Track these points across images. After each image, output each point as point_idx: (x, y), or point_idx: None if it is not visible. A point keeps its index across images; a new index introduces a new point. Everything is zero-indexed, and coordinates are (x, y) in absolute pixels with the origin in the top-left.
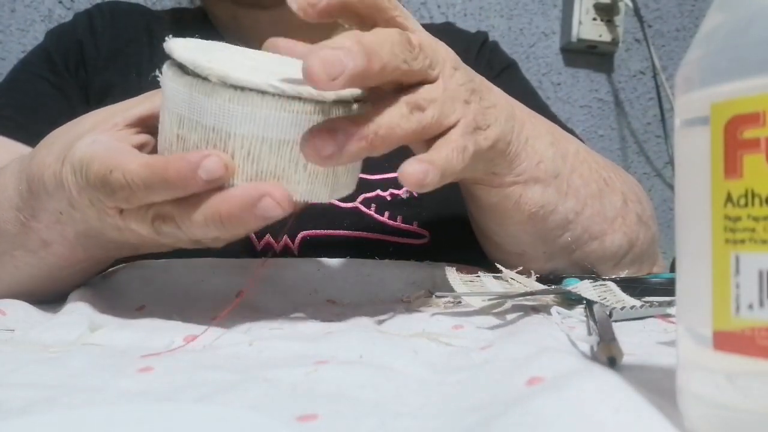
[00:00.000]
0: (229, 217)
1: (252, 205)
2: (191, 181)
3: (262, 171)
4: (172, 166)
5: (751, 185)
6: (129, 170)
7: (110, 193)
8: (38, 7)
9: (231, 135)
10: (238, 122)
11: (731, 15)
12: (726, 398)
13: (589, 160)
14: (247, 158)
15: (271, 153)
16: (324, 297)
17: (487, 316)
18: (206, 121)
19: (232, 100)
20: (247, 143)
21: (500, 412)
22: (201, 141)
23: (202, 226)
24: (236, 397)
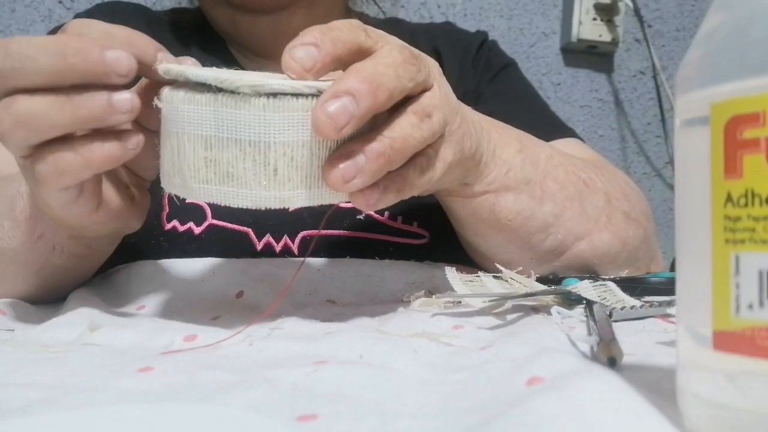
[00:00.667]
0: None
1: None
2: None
3: (307, 176)
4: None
5: (751, 185)
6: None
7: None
8: (38, 7)
9: (271, 145)
10: (277, 130)
11: (731, 15)
12: (726, 398)
13: (565, 162)
14: (291, 165)
15: (312, 156)
16: (324, 297)
17: (487, 317)
18: (241, 135)
19: (267, 108)
20: (289, 150)
21: (500, 412)
22: (236, 158)
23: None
24: (236, 397)
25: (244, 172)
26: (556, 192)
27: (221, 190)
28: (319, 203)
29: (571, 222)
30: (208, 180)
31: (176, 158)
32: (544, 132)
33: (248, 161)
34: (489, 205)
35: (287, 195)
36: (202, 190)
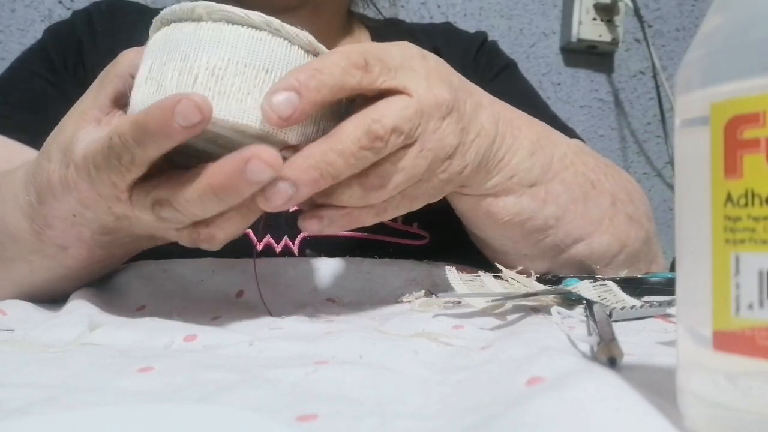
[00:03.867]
0: (222, 188)
1: (241, 171)
2: (171, 130)
3: (225, 90)
4: (150, 117)
5: (751, 185)
6: (121, 131)
7: (116, 164)
8: (38, 7)
9: (198, 57)
10: (206, 46)
11: (731, 15)
12: (726, 398)
13: (577, 162)
14: (211, 77)
15: (236, 74)
16: (324, 296)
17: (488, 317)
18: (175, 53)
19: (201, 28)
20: (212, 63)
21: (500, 412)
22: (167, 70)
23: (198, 203)
24: (236, 397)
25: (170, 80)
26: (560, 194)
27: (152, 98)
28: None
29: (571, 224)
30: (144, 94)
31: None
32: None
33: (175, 72)
34: (486, 205)
35: None
36: (138, 104)
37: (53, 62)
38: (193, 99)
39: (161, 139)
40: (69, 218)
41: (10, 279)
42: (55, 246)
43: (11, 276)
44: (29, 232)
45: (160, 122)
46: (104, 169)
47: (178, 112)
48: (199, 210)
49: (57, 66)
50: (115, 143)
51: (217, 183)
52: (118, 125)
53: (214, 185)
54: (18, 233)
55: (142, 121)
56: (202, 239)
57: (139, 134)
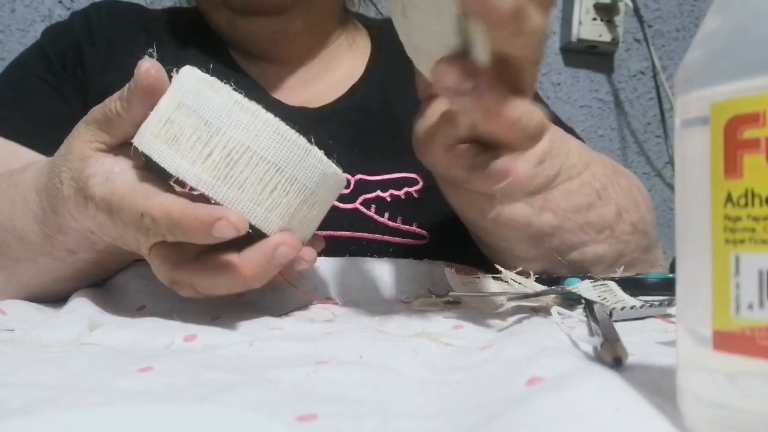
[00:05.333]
0: (254, 277)
1: (271, 258)
2: (205, 236)
3: (232, 176)
4: (185, 222)
5: (751, 185)
6: (155, 217)
7: (145, 232)
8: (38, 7)
9: (220, 132)
10: (232, 124)
11: (731, 15)
12: (726, 398)
13: (585, 173)
14: (225, 158)
15: (248, 165)
16: (324, 295)
17: (488, 317)
18: (204, 112)
19: (237, 105)
20: (230, 145)
21: (500, 412)
22: (189, 127)
23: (224, 289)
24: (236, 397)
25: (185, 143)
26: (560, 203)
27: (161, 147)
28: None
29: (569, 234)
30: (157, 136)
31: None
32: None
33: (194, 136)
34: (479, 206)
35: (205, 178)
36: (147, 141)
37: (52, 63)
38: (232, 220)
39: (193, 239)
40: (84, 233)
41: (17, 278)
42: (64, 250)
43: (18, 276)
44: (39, 236)
45: (195, 229)
46: (130, 227)
47: (217, 228)
48: (223, 292)
49: (55, 67)
50: (146, 221)
51: (249, 273)
52: (152, 208)
53: (247, 275)
54: (27, 235)
55: (177, 221)
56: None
57: (172, 228)
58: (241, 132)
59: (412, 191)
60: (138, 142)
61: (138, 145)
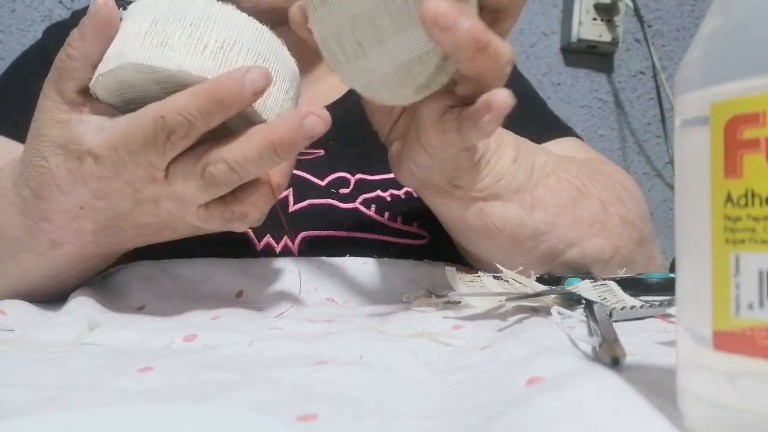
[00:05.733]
0: (281, 142)
1: (299, 126)
2: (242, 96)
3: (230, 63)
4: (221, 86)
5: (751, 185)
6: (181, 106)
7: (165, 140)
8: (38, 7)
9: (208, 29)
10: (216, 21)
11: (731, 15)
12: (726, 398)
13: (558, 170)
14: (220, 49)
15: (239, 54)
16: (324, 296)
17: (488, 317)
18: (186, 17)
19: (214, 5)
20: (221, 38)
21: (500, 412)
22: (174, 32)
23: (257, 159)
24: (236, 397)
25: (177, 41)
26: (547, 200)
27: (152, 53)
28: None
29: (563, 230)
30: (143, 46)
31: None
32: (542, 131)
33: (184, 35)
34: (476, 210)
35: (209, 66)
36: (134, 52)
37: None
38: (260, 70)
39: (232, 107)
40: (73, 211)
41: (3, 279)
42: (47, 242)
43: (4, 276)
44: (20, 228)
45: (232, 90)
46: (142, 150)
47: (249, 81)
48: (255, 167)
49: None
50: (171, 119)
51: (276, 138)
52: (174, 100)
53: (274, 140)
54: (8, 231)
55: (211, 91)
56: (236, 217)
57: (209, 105)
58: (227, 27)
59: (412, 191)
60: (116, 62)
61: (118, 63)
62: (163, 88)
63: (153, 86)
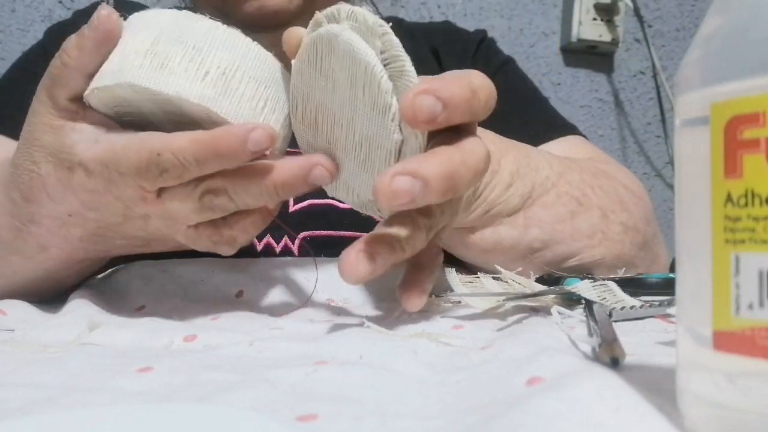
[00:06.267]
0: (283, 185)
1: (306, 175)
2: (241, 154)
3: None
4: (221, 140)
5: (751, 185)
6: (179, 149)
7: (157, 175)
8: (38, 7)
9: (210, 54)
10: (219, 46)
11: (731, 15)
12: (726, 398)
13: (560, 183)
14: (222, 76)
15: (241, 82)
16: (324, 296)
17: (487, 317)
18: (189, 39)
19: (219, 29)
20: (223, 64)
21: (500, 412)
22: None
23: (257, 196)
24: (236, 397)
25: (179, 65)
26: (543, 217)
27: (151, 75)
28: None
29: (561, 245)
30: (142, 66)
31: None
32: (544, 131)
33: (185, 58)
34: (461, 237)
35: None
36: (133, 72)
37: None
38: (266, 129)
39: (230, 162)
40: (62, 218)
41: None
42: (35, 245)
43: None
44: (8, 230)
45: (232, 147)
46: (133, 176)
47: (252, 140)
48: (254, 202)
49: None
50: (166, 159)
51: (280, 182)
52: (173, 142)
53: (277, 182)
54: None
55: (211, 143)
56: (225, 241)
57: (204, 155)
58: (229, 53)
59: None
60: (114, 79)
61: (116, 81)
62: (160, 107)
63: (150, 105)
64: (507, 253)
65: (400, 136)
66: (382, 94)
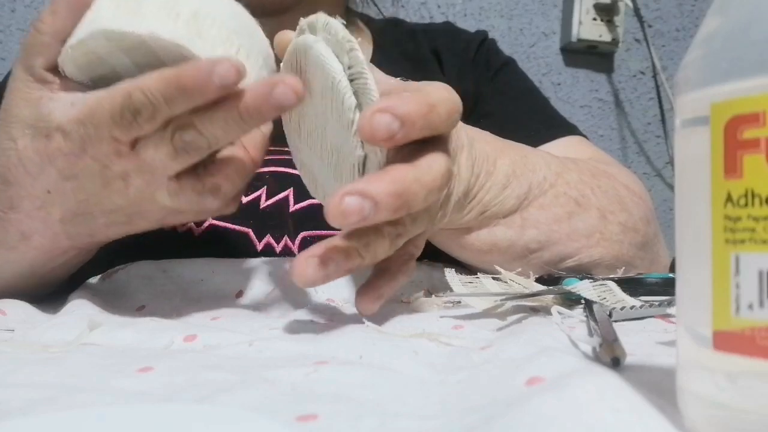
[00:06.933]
0: (247, 110)
1: (268, 95)
2: (207, 88)
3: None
4: (186, 74)
5: (751, 185)
6: (148, 87)
7: (131, 119)
8: (38, 7)
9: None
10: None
11: (731, 15)
12: (726, 398)
13: (558, 183)
14: (193, 18)
15: (212, 26)
16: (324, 296)
17: (487, 317)
18: None
19: None
20: (194, 7)
21: (500, 412)
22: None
23: (223, 125)
24: (236, 397)
25: (150, 9)
26: (539, 218)
27: (124, 18)
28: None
29: (558, 246)
30: (115, 13)
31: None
32: (544, 130)
33: (157, 4)
34: (458, 238)
35: (182, 32)
36: (106, 20)
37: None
38: (233, 62)
39: (195, 97)
40: (41, 196)
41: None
42: (17, 234)
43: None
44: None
45: (198, 81)
46: (108, 125)
47: (218, 73)
48: (222, 131)
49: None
50: (137, 99)
51: (243, 106)
52: (142, 81)
53: (240, 108)
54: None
55: (176, 78)
56: (208, 189)
57: (172, 91)
58: (201, 1)
59: None
60: (87, 32)
61: (88, 33)
62: (134, 60)
63: (124, 59)
64: (504, 253)
65: (362, 152)
66: (345, 110)
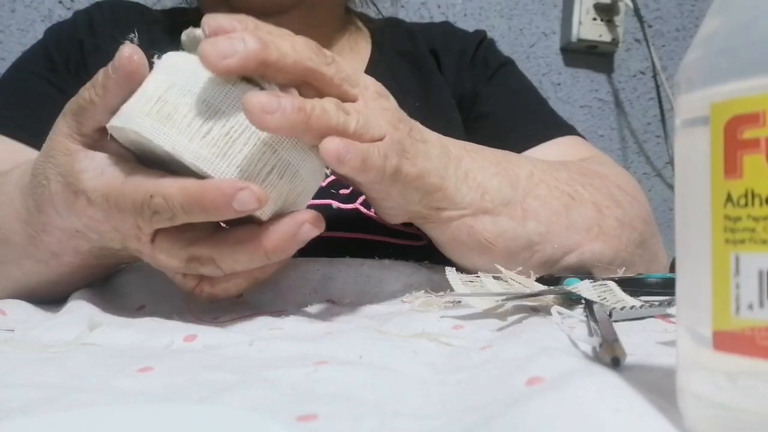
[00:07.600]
0: (274, 250)
1: (295, 234)
2: (225, 210)
3: (231, 154)
4: (207, 194)
5: (751, 185)
6: (169, 195)
7: (151, 215)
8: (38, 7)
9: (219, 111)
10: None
11: (731, 15)
12: (726, 398)
13: (547, 179)
14: (224, 136)
15: (246, 144)
16: (324, 297)
17: (488, 317)
18: (201, 92)
19: (235, 86)
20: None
21: (500, 412)
22: (184, 106)
23: (246, 263)
24: (236, 397)
25: (183, 119)
26: (539, 210)
27: (154, 125)
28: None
29: (558, 237)
30: (149, 114)
31: (142, 91)
32: (541, 130)
33: (191, 114)
34: (467, 228)
35: (204, 154)
36: (139, 118)
37: (54, 63)
38: (255, 191)
39: (213, 216)
40: (70, 232)
41: (4, 281)
42: (48, 252)
43: (4, 279)
44: (22, 236)
45: (216, 202)
46: (130, 214)
47: (239, 199)
48: (243, 267)
49: (58, 66)
50: (157, 203)
51: (270, 246)
52: (165, 187)
53: (267, 249)
54: (10, 236)
55: (197, 195)
56: (204, 297)
57: (190, 205)
58: (240, 112)
59: None
60: (123, 122)
61: (123, 125)
62: (165, 151)
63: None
64: (507, 246)
65: None
66: None
